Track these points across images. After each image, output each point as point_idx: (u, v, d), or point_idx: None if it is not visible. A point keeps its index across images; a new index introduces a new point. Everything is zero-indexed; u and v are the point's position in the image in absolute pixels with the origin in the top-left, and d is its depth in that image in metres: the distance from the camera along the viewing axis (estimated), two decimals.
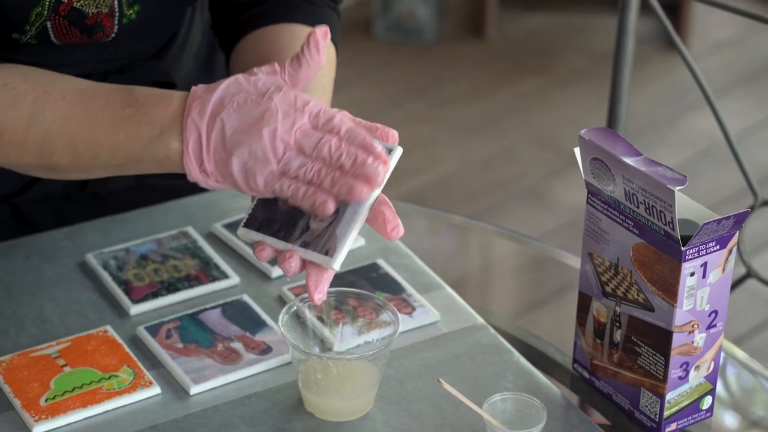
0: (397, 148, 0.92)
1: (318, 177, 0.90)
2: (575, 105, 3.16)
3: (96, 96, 0.97)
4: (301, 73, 0.94)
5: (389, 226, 0.91)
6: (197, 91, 0.93)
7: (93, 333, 1.06)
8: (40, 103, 0.97)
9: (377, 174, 0.89)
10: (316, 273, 0.91)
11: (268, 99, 0.91)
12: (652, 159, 0.97)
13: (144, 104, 0.95)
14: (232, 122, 0.91)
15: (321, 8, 1.15)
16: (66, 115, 0.97)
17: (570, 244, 2.04)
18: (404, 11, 3.37)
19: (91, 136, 0.96)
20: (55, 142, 0.97)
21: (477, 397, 0.99)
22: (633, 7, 1.42)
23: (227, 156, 0.91)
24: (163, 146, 0.94)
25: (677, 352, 0.98)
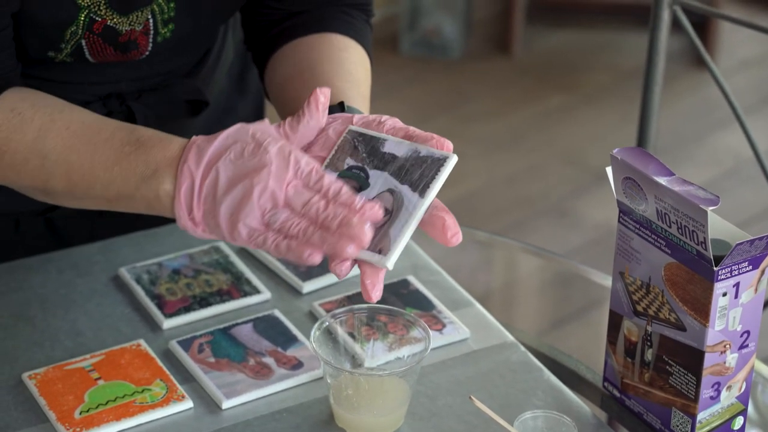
0: (451, 156, 0.93)
1: (304, 234, 0.90)
2: (601, 122, 3.16)
3: (100, 131, 0.99)
4: (300, 130, 0.95)
5: (449, 233, 0.92)
6: (197, 140, 0.95)
7: (126, 347, 1.07)
8: (44, 131, 0.99)
9: (363, 235, 0.89)
10: (371, 273, 0.91)
11: (263, 151, 0.92)
12: (684, 179, 0.97)
13: (144, 144, 0.96)
14: (227, 172, 0.92)
15: (356, 21, 1.16)
16: (67, 144, 0.99)
17: (595, 262, 2.04)
18: (431, 27, 3.38)
19: (89, 168, 0.98)
20: (53, 169, 0.99)
21: (507, 414, 1.00)
22: (664, 25, 1.42)
23: (216, 205, 0.92)
24: (155, 187, 0.95)
25: (709, 372, 0.97)
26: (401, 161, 0.93)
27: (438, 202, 0.93)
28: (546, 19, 3.56)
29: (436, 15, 3.37)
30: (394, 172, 0.93)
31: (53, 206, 1.23)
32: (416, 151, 0.93)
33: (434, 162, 0.93)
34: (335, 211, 0.90)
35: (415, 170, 0.93)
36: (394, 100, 3.19)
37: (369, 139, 0.95)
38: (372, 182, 0.94)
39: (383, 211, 0.91)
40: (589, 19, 3.59)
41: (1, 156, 1.00)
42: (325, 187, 0.91)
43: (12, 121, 1.00)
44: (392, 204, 0.92)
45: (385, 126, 0.96)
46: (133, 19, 1.09)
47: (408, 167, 0.93)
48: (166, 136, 0.97)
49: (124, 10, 1.08)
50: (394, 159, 0.94)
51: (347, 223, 0.89)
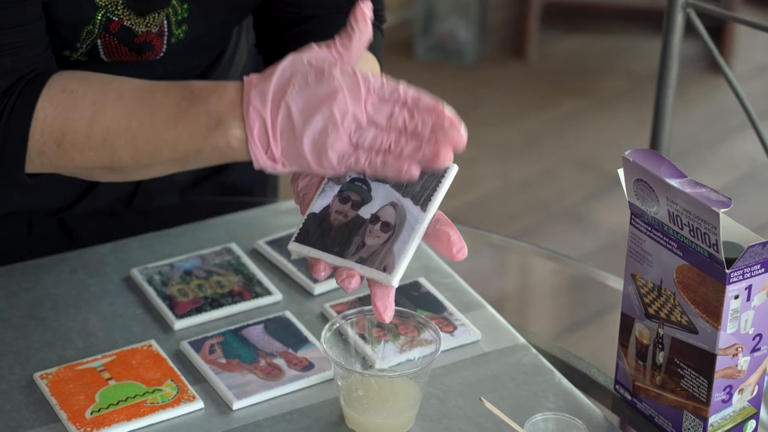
0: (452, 167, 0.92)
1: (397, 146, 0.89)
2: (616, 127, 3.15)
3: (153, 93, 0.98)
4: (353, 47, 0.93)
5: (455, 248, 0.91)
6: (252, 80, 0.93)
7: (137, 347, 1.07)
8: (99, 103, 0.98)
9: (459, 136, 0.89)
10: (381, 294, 0.91)
11: (329, 76, 0.91)
12: (696, 181, 0.97)
13: (199, 96, 0.95)
14: (297, 104, 0.91)
15: None
16: (125, 112, 0.97)
17: (609, 266, 2.04)
18: (446, 32, 3.38)
19: (152, 131, 0.97)
20: (117, 140, 0.98)
21: (518, 416, 0.99)
22: (677, 28, 1.42)
23: (297, 137, 0.91)
24: (223, 135, 0.94)
25: (721, 375, 0.97)
26: None
27: (442, 216, 0.92)
28: (560, 24, 3.56)
29: (451, 20, 3.37)
30: (396, 185, 0.92)
31: (66, 206, 1.24)
32: None
33: (435, 173, 0.92)
34: (423, 119, 0.89)
35: (416, 182, 0.92)
36: None
37: None
38: (374, 195, 0.93)
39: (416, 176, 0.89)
40: (604, 23, 3.58)
41: (62, 137, 0.99)
42: (403, 96, 0.90)
43: (65, 102, 0.99)
44: (395, 218, 0.91)
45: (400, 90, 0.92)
46: (150, 20, 1.09)
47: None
48: (219, 83, 0.96)
49: (142, 11, 1.08)
50: None
51: (440, 127, 0.88)
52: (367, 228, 0.92)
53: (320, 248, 0.92)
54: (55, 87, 1.00)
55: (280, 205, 1.30)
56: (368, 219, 0.92)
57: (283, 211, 1.28)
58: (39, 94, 0.99)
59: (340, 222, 0.93)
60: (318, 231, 0.93)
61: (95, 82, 1.00)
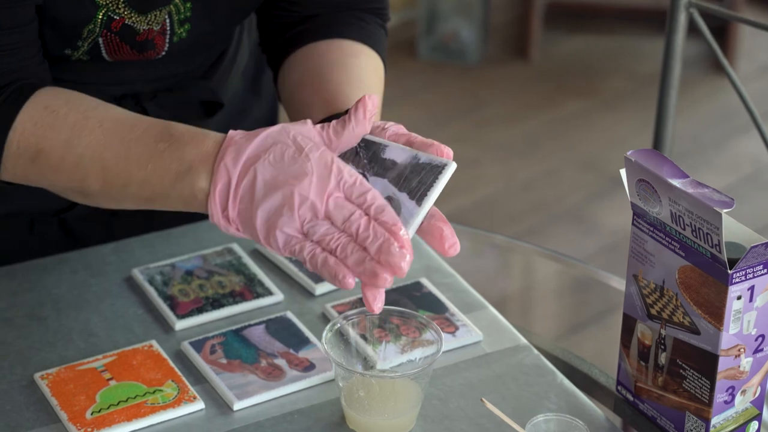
0: (450, 163, 0.92)
1: (343, 251, 0.89)
2: (619, 127, 3.15)
3: (133, 128, 0.97)
4: (344, 137, 0.93)
5: (447, 243, 0.91)
6: (235, 136, 0.93)
7: (138, 347, 1.07)
8: (78, 128, 0.98)
9: (401, 265, 0.88)
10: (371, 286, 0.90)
11: (305, 157, 0.90)
12: (699, 181, 0.96)
13: (178, 140, 0.95)
14: (265, 175, 0.90)
15: (370, 25, 1.16)
16: (101, 142, 0.97)
17: (612, 267, 2.03)
18: (448, 32, 3.38)
19: (123, 166, 0.96)
20: (88, 167, 0.97)
21: (519, 417, 0.99)
22: (680, 29, 1.42)
23: (253, 208, 0.90)
24: (190, 184, 0.93)
25: (723, 376, 0.97)
26: (401, 168, 0.92)
27: (436, 211, 0.92)
28: (564, 24, 3.56)
29: (454, 20, 3.37)
30: (394, 179, 0.92)
31: (67, 207, 1.24)
32: (416, 158, 0.93)
33: (433, 169, 0.92)
34: (376, 233, 0.88)
35: (413, 177, 0.92)
36: (411, 105, 3.19)
37: (371, 144, 0.95)
38: None
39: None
40: (608, 24, 3.58)
41: (37, 155, 0.99)
42: (368, 202, 0.89)
43: (46, 120, 0.99)
44: None
45: (388, 132, 0.95)
46: (152, 18, 1.09)
47: (407, 174, 0.92)
48: (200, 132, 0.95)
49: (143, 9, 1.08)
50: (394, 165, 0.93)
51: (387, 250, 0.88)
52: None
53: None
54: (38, 103, 1.00)
55: None
56: None
57: None
58: (21, 106, 0.99)
59: None
60: None
61: (80, 106, 1.00)
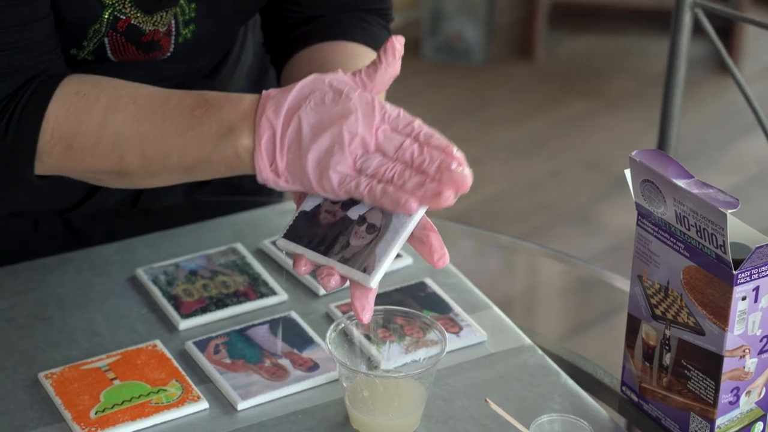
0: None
1: (400, 178, 0.88)
2: (624, 127, 3.14)
3: (167, 100, 0.97)
4: (377, 79, 0.92)
5: (436, 255, 0.90)
6: (271, 93, 0.93)
7: (142, 347, 1.07)
8: (111, 107, 0.98)
9: (464, 179, 0.87)
10: (360, 294, 0.90)
11: (346, 98, 0.90)
12: (704, 181, 0.96)
13: (213, 104, 0.94)
14: (309, 119, 0.90)
15: (374, 26, 1.16)
16: (136, 117, 0.97)
17: (617, 267, 2.03)
18: (453, 32, 3.38)
19: (162, 137, 0.95)
20: (126, 144, 0.97)
21: (524, 418, 0.99)
22: (685, 29, 1.41)
23: (302, 153, 0.90)
24: (233, 144, 0.92)
25: (728, 377, 0.97)
26: None
27: (427, 221, 0.91)
28: (568, 24, 3.55)
29: (459, 20, 3.37)
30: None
31: (71, 206, 1.24)
32: None
33: None
34: (431, 155, 0.88)
35: None
36: (416, 105, 3.19)
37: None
38: None
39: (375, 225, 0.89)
40: (613, 24, 3.57)
41: (73, 139, 0.98)
42: (416, 130, 0.89)
43: (78, 104, 0.98)
44: (381, 221, 0.91)
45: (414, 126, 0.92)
46: (158, 19, 1.09)
47: None
48: (234, 95, 0.95)
49: (149, 9, 1.08)
50: None
51: (447, 167, 0.87)
52: (353, 229, 0.91)
53: (306, 246, 0.92)
54: (68, 89, 1.00)
55: (286, 206, 1.30)
56: (355, 220, 0.92)
57: (288, 212, 1.28)
58: (51, 95, 0.99)
59: (329, 221, 0.92)
60: (307, 228, 0.93)
61: (110, 87, 1.00)
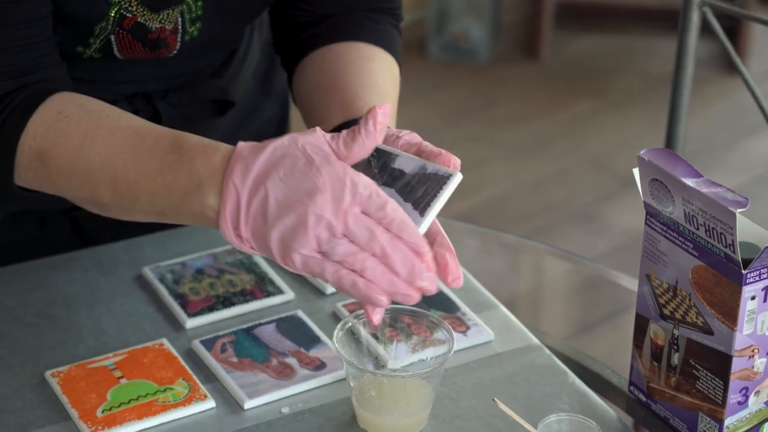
0: (455, 174, 0.90)
1: (371, 272, 0.85)
2: (630, 127, 3.14)
3: (145, 137, 0.94)
4: (354, 150, 0.88)
5: (450, 276, 0.88)
6: (242, 151, 0.88)
7: (149, 345, 1.07)
8: (90, 136, 0.96)
9: (433, 290, 0.86)
10: None
11: (317, 171, 0.85)
12: (713, 180, 0.96)
13: (187, 152, 0.91)
14: (276, 193, 0.86)
15: (384, 26, 1.16)
16: (112, 152, 0.94)
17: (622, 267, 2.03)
18: (458, 31, 3.38)
19: (134, 177, 0.93)
20: (99, 177, 0.95)
21: (531, 417, 0.99)
22: (693, 27, 1.41)
23: (267, 228, 0.86)
24: (200, 201, 0.89)
25: (737, 377, 0.96)
26: (408, 178, 0.91)
27: (445, 240, 0.89)
28: (574, 24, 3.55)
29: (464, 19, 3.37)
30: (401, 189, 0.91)
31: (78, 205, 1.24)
32: (423, 168, 0.91)
33: (438, 180, 0.90)
34: (404, 256, 0.85)
35: (419, 188, 0.90)
36: (421, 105, 3.18)
37: (383, 154, 0.93)
38: None
39: None
40: (618, 23, 3.57)
41: (49, 159, 0.97)
42: (389, 217, 0.85)
43: (58, 124, 0.97)
44: None
45: (401, 141, 0.93)
46: (164, 17, 1.09)
47: (413, 184, 0.90)
48: (210, 144, 0.91)
49: (156, 7, 1.08)
50: (402, 175, 0.91)
51: (419, 275, 0.85)
52: None
53: None
54: (52, 106, 0.98)
55: None
56: None
57: None
58: (35, 110, 0.98)
59: None
60: None
61: (93, 113, 0.97)
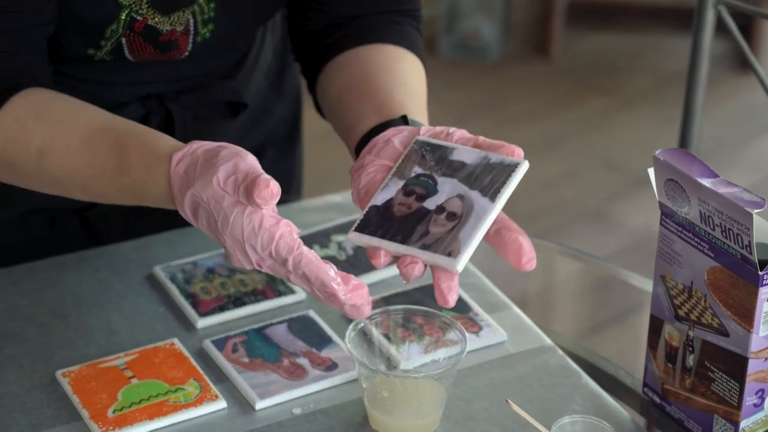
0: (523, 162, 0.93)
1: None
2: (641, 126, 3.13)
3: (95, 153, 0.98)
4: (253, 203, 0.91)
5: (525, 258, 0.90)
6: (174, 185, 0.93)
7: (160, 345, 1.07)
8: (47, 148, 0.99)
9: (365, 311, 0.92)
10: (446, 278, 0.90)
11: (221, 234, 0.91)
12: (729, 181, 0.95)
13: (136, 180, 0.96)
14: (204, 225, 0.93)
15: (406, 28, 1.14)
16: (72, 165, 0.99)
17: (634, 267, 2.02)
18: (469, 30, 3.37)
19: (99, 187, 0.99)
20: (66, 184, 1.00)
21: (544, 419, 0.98)
22: (708, 26, 1.40)
23: (217, 236, 0.93)
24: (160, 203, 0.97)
25: (753, 379, 0.95)
26: (471, 168, 0.94)
27: (513, 224, 0.92)
28: (585, 22, 3.54)
29: (474, 18, 3.36)
30: (464, 179, 0.93)
31: (88, 204, 1.23)
32: (486, 158, 0.94)
33: (505, 168, 0.93)
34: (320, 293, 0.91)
35: (485, 176, 0.93)
36: (431, 103, 3.15)
37: (437, 148, 0.96)
38: (440, 188, 0.93)
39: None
40: (630, 21, 3.56)
41: (15, 167, 1.01)
42: (293, 266, 0.90)
43: (15, 134, 1.00)
44: (461, 208, 0.92)
45: (454, 137, 0.96)
46: (175, 19, 1.08)
47: (478, 173, 0.93)
48: (150, 165, 0.95)
49: (166, 10, 1.07)
50: (463, 166, 0.94)
51: (337, 302, 0.91)
52: (431, 218, 0.92)
53: (382, 237, 0.92)
54: (11, 113, 1.01)
55: (304, 204, 1.29)
56: (433, 210, 0.92)
57: (307, 210, 1.27)
58: None
59: (404, 213, 0.93)
60: (380, 221, 0.93)
61: (48, 119, 1.00)
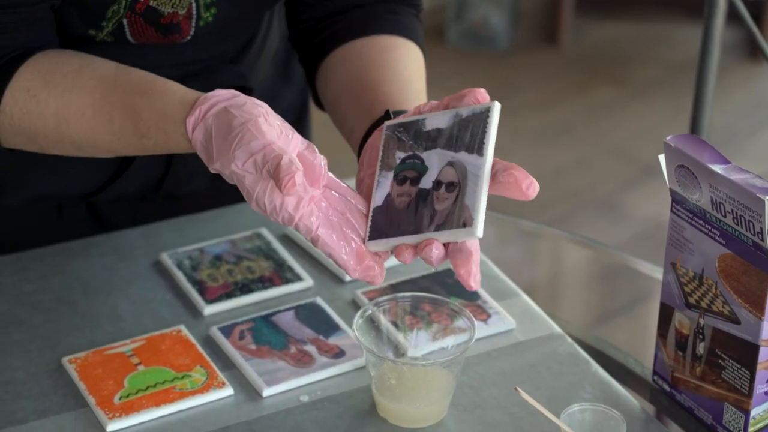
0: (493, 104, 0.90)
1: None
2: (651, 115, 3.11)
3: (112, 119, 0.98)
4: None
5: (524, 185, 0.87)
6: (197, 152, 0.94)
7: (167, 332, 1.06)
8: (62, 117, 1.00)
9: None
10: (463, 262, 0.88)
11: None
12: (741, 167, 0.94)
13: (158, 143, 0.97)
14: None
15: (404, 17, 1.14)
16: (91, 132, 1.00)
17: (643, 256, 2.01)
18: (478, 18, 3.36)
19: (124, 149, 1.00)
20: (88, 148, 1.02)
21: (553, 407, 0.97)
22: (720, 14, 1.39)
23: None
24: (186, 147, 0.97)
25: (764, 367, 0.95)
26: (447, 131, 0.91)
27: (501, 161, 0.90)
28: (595, 11, 3.52)
29: (484, 6, 3.34)
30: (446, 144, 0.91)
31: (95, 190, 1.23)
32: (458, 115, 0.91)
33: (478, 117, 0.90)
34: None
35: (464, 134, 0.91)
36: (440, 92, 3.15)
37: (408, 125, 0.94)
38: (428, 164, 0.92)
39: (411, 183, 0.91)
40: (640, 10, 3.54)
41: (35, 136, 1.01)
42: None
43: (29, 105, 1.00)
44: (456, 175, 0.90)
45: (425, 109, 0.94)
46: (177, 1, 1.07)
47: (456, 133, 0.91)
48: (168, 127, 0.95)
49: None
50: (440, 133, 0.92)
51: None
52: (433, 196, 0.90)
53: (396, 234, 0.90)
54: (21, 84, 1.01)
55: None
56: (431, 187, 0.91)
57: None
58: (5, 87, 1.00)
59: (405, 202, 0.91)
60: (388, 220, 0.91)
61: (57, 86, 1.00)
